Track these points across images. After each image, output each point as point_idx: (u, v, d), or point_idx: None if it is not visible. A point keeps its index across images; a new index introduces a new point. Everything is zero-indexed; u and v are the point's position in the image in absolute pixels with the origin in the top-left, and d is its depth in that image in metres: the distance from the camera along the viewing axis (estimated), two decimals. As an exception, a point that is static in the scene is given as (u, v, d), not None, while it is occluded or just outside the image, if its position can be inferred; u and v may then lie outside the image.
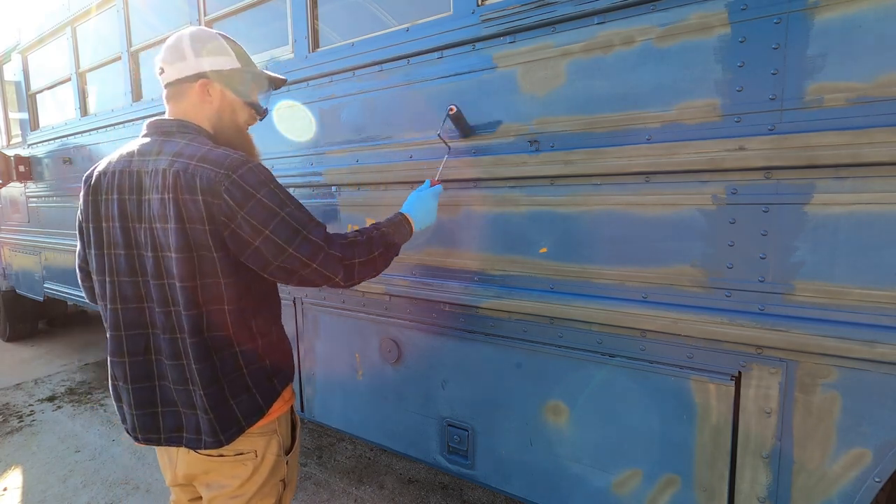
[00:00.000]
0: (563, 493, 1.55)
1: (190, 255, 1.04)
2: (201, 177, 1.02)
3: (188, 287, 1.05)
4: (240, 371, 1.14)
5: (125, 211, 1.10)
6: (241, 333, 1.13)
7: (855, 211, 1.06)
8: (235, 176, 1.03)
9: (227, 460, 1.17)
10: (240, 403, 1.13)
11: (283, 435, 1.26)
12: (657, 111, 1.25)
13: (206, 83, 1.17)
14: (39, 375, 4.33)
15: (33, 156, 4.14)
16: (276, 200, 1.07)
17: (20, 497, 2.59)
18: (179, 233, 1.03)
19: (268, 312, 1.22)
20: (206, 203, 1.02)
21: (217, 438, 1.11)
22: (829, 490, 1.15)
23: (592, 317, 1.41)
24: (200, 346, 1.08)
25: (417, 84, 1.69)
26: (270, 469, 1.22)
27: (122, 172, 1.11)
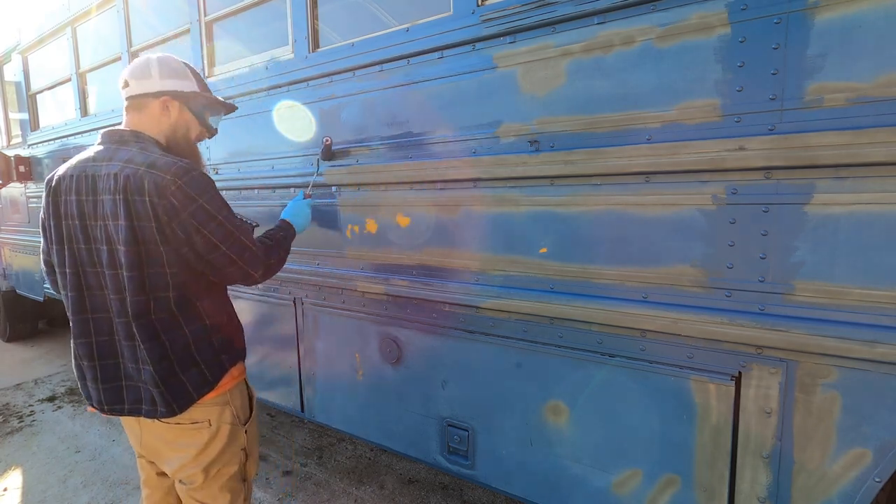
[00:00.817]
0: (564, 493, 1.55)
1: (137, 248, 1.18)
2: (149, 181, 1.17)
3: (135, 276, 1.19)
4: (188, 349, 1.28)
5: (83, 210, 1.24)
6: (187, 316, 1.27)
7: (855, 211, 1.06)
8: (181, 182, 1.18)
9: (184, 428, 1.31)
10: (189, 377, 1.27)
11: (236, 406, 1.38)
12: (657, 111, 1.25)
13: (166, 100, 1.34)
14: (39, 375, 4.33)
15: (33, 156, 4.14)
16: (215, 205, 1.24)
17: (20, 497, 2.58)
18: (128, 229, 1.17)
19: (213, 297, 1.36)
20: (152, 203, 1.16)
21: (170, 408, 1.25)
22: (829, 490, 1.15)
23: (592, 317, 1.41)
24: (148, 327, 1.22)
25: (418, 84, 1.69)
26: (228, 437, 1.36)
27: (79, 176, 1.25)
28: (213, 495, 1.38)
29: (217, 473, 1.37)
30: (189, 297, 1.28)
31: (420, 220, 1.74)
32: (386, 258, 1.85)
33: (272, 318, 2.34)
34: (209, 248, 1.23)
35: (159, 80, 1.32)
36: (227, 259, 1.27)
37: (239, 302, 2.46)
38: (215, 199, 1.25)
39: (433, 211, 1.70)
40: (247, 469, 1.46)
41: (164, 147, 1.35)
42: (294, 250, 2.15)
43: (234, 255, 1.27)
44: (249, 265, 1.31)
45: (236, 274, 1.31)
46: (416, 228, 1.75)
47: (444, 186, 1.66)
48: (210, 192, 1.24)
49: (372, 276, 1.89)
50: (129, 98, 1.33)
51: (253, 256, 1.31)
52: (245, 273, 1.32)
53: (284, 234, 1.54)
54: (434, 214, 1.70)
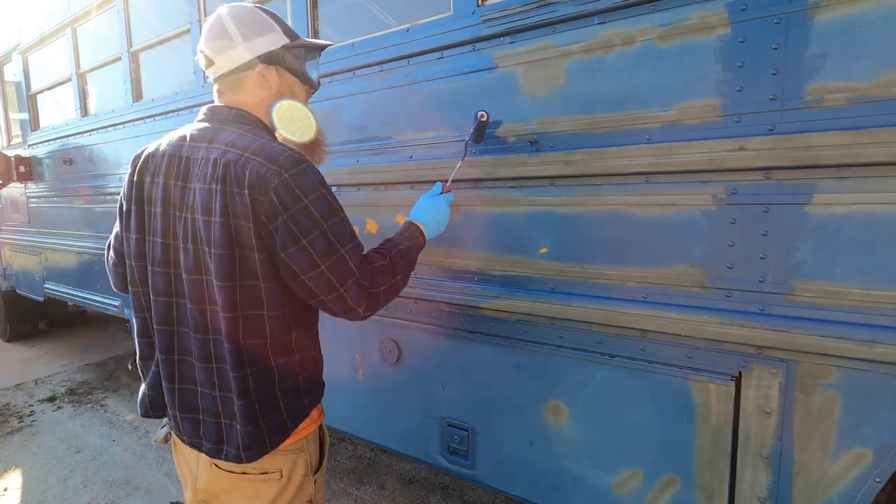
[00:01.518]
0: (564, 493, 1.55)
1: (231, 252, 0.96)
2: (251, 170, 0.95)
3: (227, 287, 0.97)
4: (272, 387, 1.05)
5: (168, 197, 1.03)
6: (278, 345, 1.04)
7: (855, 211, 1.06)
8: (287, 175, 0.95)
9: (249, 478, 1.09)
10: (268, 423, 1.04)
11: (310, 454, 1.16)
12: (657, 111, 1.25)
13: (262, 69, 1.09)
14: (39, 376, 4.33)
15: (34, 156, 4.14)
16: (324, 209, 0.98)
17: (20, 497, 2.59)
18: (223, 227, 0.95)
19: (308, 324, 1.13)
20: (251, 199, 0.94)
21: (239, 454, 1.03)
22: (829, 490, 1.15)
23: (592, 317, 1.41)
24: (236, 352, 1.00)
25: (418, 84, 1.69)
26: (296, 489, 1.13)
27: (171, 156, 1.04)
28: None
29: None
30: (284, 319, 1.04)
31: (420, 220, 1.73)
32: (386, 258, 1.85)
33: (272, 318, 2.33)
34: (306, 265, 0.97)
35: (245, 44, 1.06)
36: (325, 283, 0.98)
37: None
38: (325, 201, 0.99)
39: (433, 211, 1.70)
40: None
41: (271, 130, 1.14)
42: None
43: (335, 279, 0.98)
44: (352, 295, 1.01)
45: (334, 305, 1.02)
46: (416, 228, 1.75)
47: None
48: (319, 191, 0.99)
49: (372, 276, 1.89)
50: (219, 78, 1.10)
51: (356, 286, 1.01)
52: (345, 306, 1.02)
53: (405, 247, 1.19)
54: (434, 214, 1.69)
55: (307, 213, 0.96)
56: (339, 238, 1.00)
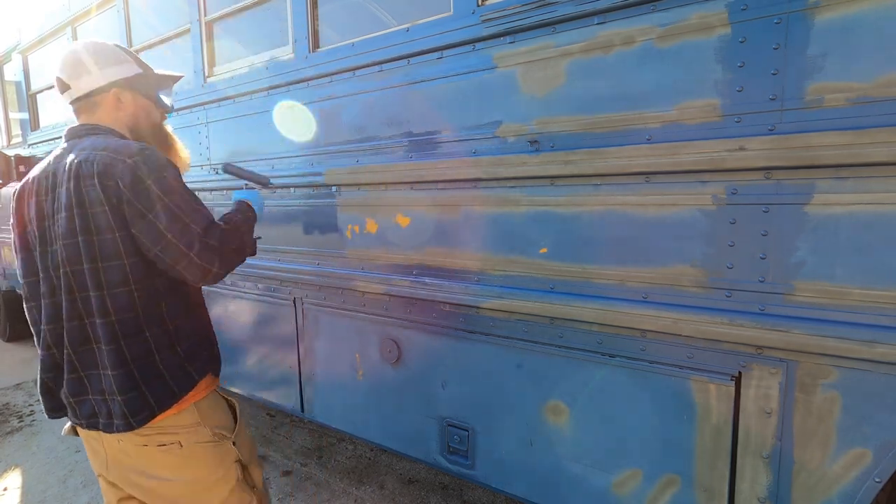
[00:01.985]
0: (564, 493, 1.55)
1: (91, 238, 1.08)
2: (98, 162, 1.07)
3: (92, 269, 1.08)
4: (151, 356, 1.15)
5: (41, 211, 1.15)
6: (150, 317, 1.14)
7: (855, 211, 1.06)
8: (130, 161, 1.08)
9: (149, 450, 1.18)
10: (151, 388, 1.14)
11: (211, 422, 1.24)
12: (657, 111, 1.25)
13: (117, 92, 1.23)
14: (39, 375, 4.33)
15: (34, 156, 4.14)
16: (164, 187, 1.10)
17: (20, 497, 2.58)
18: (81, 217, 1.07)
19: (181, 296, 1.22)
20: (102, 186, 1.06)
21: (127, 421, 1.11)
22: (829, 490, 1.15)
23: (592, 317, 1.41)
24: (108, 327, 1.10)
25: (418, 84, 1.69)
26: (208, 456, 1.23)
27: (40, 178, 1.17)
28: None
29: (210, 492, 1.25)
30: (151, 294, 1.14)
31: (420, 220, 1.74)
32: (386, 258, 1.85)
33: (272, 318, 2.34)
34: (154, 238, 1.09)
35: (100, 71, 1.20)
36: (176, 251, 1.10)
37: (238, 301, 2.46)
38: (166, 181, 1.10)
39: (433, 211, 1.70)
40: (251, 477, 1.35)
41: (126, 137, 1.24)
42: (294, 250, 2.15)
43: (183, 245, 1.10)
44: (203, 256, 1.12)
45: (191, 269, 1.13)
46: (416, 228, 1.75)
47: (444, 186, 1.66)
48: (160, 173, 1.10)
49: (372, 276, 1.89)
50: (74, 102, 1.23)
51: (205, 247, 1.12)
52: (200, 269, 1.13)
53: (244, 217, 1.36)
54: (434, 214, 1.70)
55: (149, 191, 1.08)
56: (181, 209, 1.11)
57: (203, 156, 2.49)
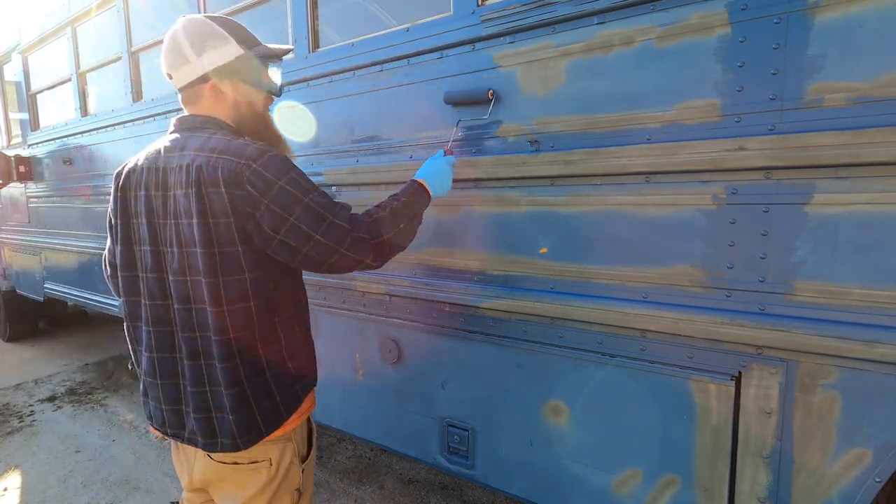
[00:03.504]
0: (564, 493, 1.55)
1: (212, 250, 1.03)
2: (223, 168, 1.01)
3: (211, 283, 1.03)
4: (263, 374, 1.11)
5: (151, 207, 1.10)
6: (264, 333, 1.10)
7: (855, 211, 1.06)
8: (256, 165, 1.02)
9: (241, 468, 1.15)
10: (262, 409, 1.10)
11: (298, 443, 1.22)
12: (657, 111, 1.25)
13: (215, 83, 1.15)
14: (39, 375, 4.33)
15: (34, 156, 4.14)
16: (299, 188, 1.05)
17: (20, 497, 2.59)
18: (202, 227, 1.02)
19: (293, 312, 1.19)
20: (229, 195, 1.01)
21: (235, 442, 1.08)
22: (829, 490, 1.15)
23: (592, 317, 1.41)
24: (224, 344, 1.05)
25: (418, 84, 1.69)
26: (284, 478, 1.19)
27: (149, 169, 1.10)
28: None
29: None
30: (268, 308, 1.10)
31: (420, 220, 1.74)
32: (386, 258, 1.85)
33: (272, 318, 2.33)
34: (302, 239, 1.04)
35: (197, 59, 1.12)
36: (326, 248, 1.06)
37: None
38: (298, 181, 1.06)
39: (433, 211, 1.70)
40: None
41: (235, 131, 1.18)
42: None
43: (332, 242, 1.06)
44: (354, 251, 1.08)
45: (345, 262, 1.10)
46: (416, 228, 1.75)
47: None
48: (290, 173, 1.06)
49: (372, 276, 1.89)
50: (179, 90, 1.18)
51: (355, 241, 1.08)
52: (353, 260, 1.10)
53: (408, 200, 1.23)
54: (434, 214, 1.70)
55: (285, 194, 1.03)
56: (322, 207, 1.07)
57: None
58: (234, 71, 1.16)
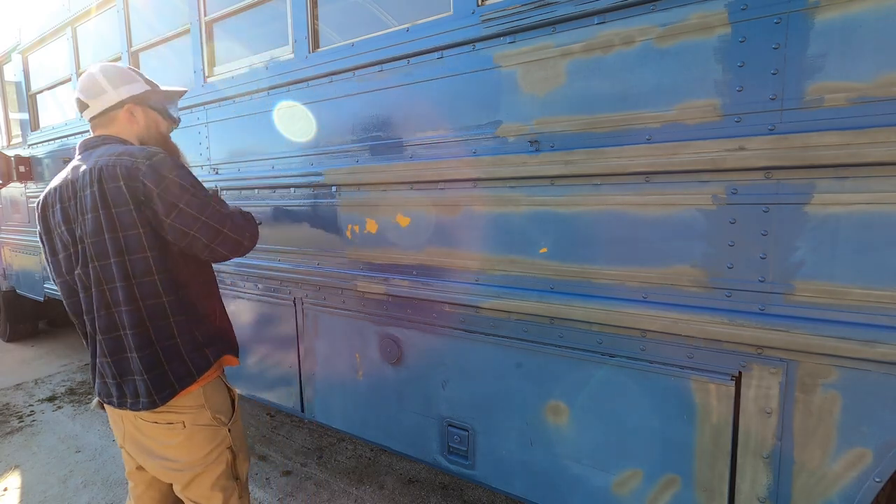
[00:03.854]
0: (564, 493, 1.55)
1: (116, 234, 1.22)
2: (121, 166, 1.22)
3: (119, 262, 1.23)
4: (173, 339, 1.30)
5: (67, 215, 1.29)
6: (172, 304, 1.29)
7: (855, 211, 1.06)
8: (150, 162, 1.23)
9: (159, 427, 1.34)
10: (173, 369, 1.29)
11: (213, 407, 1.39)
12: (657, 111, 1.25)
13: (130, 108, 1.39)
14: (39, 375, 4.33)
15: (34, 156, 4.14)
16: (186, 181, 1.28)
17: (20, 497, 2.59)
18: (107, 217, 1.21)
19: (199, 285, 1.39)
20: (127, 187, 1.21)
21: (152, 399, 1.27)
22: (829, 490, 1.15)
23: (592, 317, 1.41)
24: (134, 313, 1.24)
25: (418, 84, 1.69)
26: (204, 438, 1.37)
27: (62, 186, 1.30)
28: (204, 495, 1.41)
29: (203, 474, 1.39)
30: (173, 284, 1.30)
31: (420, 220, 1.74)
32: (386, 258, 1.85)
33: (272, 318, 2.34)
34: (190, 221, 1.26)
35: (114, 90, 1.37)
36: (211, 230, 1.30)
37: (239, 301, 2.46)
38: (186, 176, 1.29)
39: (433, 211, 1.70)
40: (237, 467, 1.47)
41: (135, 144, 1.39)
42: (294, 250, 2.15)
43: (216, 224, 1.30)
44: (235, 232, 1.35)
45: (224, 247, 1.34)
46: (416, 228, 1.75)
47: (444, 186, 1.66)
48: (179, 170, 1.28)
49: (372, 276, 1.89)
50: (93, 119, 1.39)
51: (235, 224, 1.35)
52: (233, 242, 1.35)
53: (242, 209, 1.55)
54: (434, 214, 1.70)
55: (174, 185, 1.25)
56: (205, 196, 1.31)
57: (203, 156, 2.49)
58: (145, 100, 1.43)
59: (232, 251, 1.37)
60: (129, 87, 1.39)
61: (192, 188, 1.28)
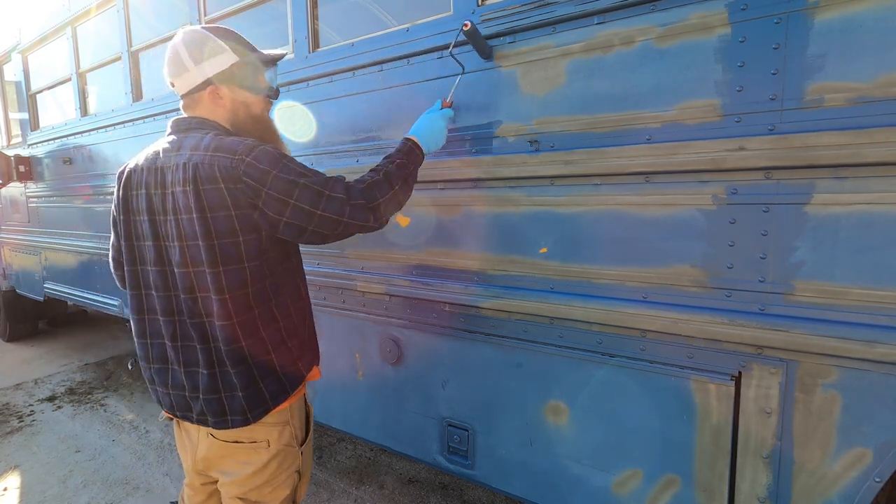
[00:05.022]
0: (564, 493, 1.55)
1: (212, 242, 1.10)
2: (219, 166, 1.09)
3: (213, 273, 1.11)
4: (268, 354, 1.19)
5: (152, 205, 1.17)
6: (264, 316, 1.19)
7: (855, 211, 1.06)
8: (249, 159, 1.10)
9: (242, 447, 1.23)
10: (267, 385, 1.20)
11: (295, 425, 1.31)
12: (657, 111, 1.25)
13: (213, 89, 1.22)
14: (39, 375, 4.33)
15: (33, 156, 4.14)
16: (293, 173, 1.13)
17: (20, 497, 2.59)
18: (202, 221, 1.09)
19: (289, 294, 1.27)
20: (228, 190, 1.09)
21: (245, 417, 1.17)
22: (829, 490, 1.15)
23: (592, 317, 1.41)
24: (228, 328, 1.13)
25: (417, 84, 1.69)
26: (283, 458, 1.27)
27: (148, 169, 1.18)
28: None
29: (269, 496, 1.28)
30: (267, 295, 1.19)
31: (420, 220, 1.74)
32: (386, 258, 1.85)
33: (272, 318, 2.33)
34: (305, 218, 1.13)
35: (196, 67, 1.20)
36: (329, 221, 1.15)
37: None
38: (291, 167, 1.14)
39: (433, 211, 1.70)
40: (298, 491, 1.38)
41: (230, 132, 1.25)
42: (294, 250, 2.15)
43: (333, 214, 1.15)
44: (355, 218, 1.18)
45: (349, 229, 1.20)
46: (416, 228, 1.75)
47: (444, 186, 1.66)
48: (282, 161, 1.13)
49: (372, 276, 1.89)
50: (181, 97, 1.26)
51: (355, 209, 1.18)
52: (356, 226, 1.20)
53: (402, 162, 1.31)
54: (434, 214, 1.70)
55: (281, 180, 1.11)
56: (318, 185, 1.15)
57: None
58: (231, 76, 1.24)
59: (360, 231, 1.24)
60: (213, 61, 1.20)
61: (300, 179, 1.12)
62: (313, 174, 1.17)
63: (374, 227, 1.25)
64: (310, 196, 1.13)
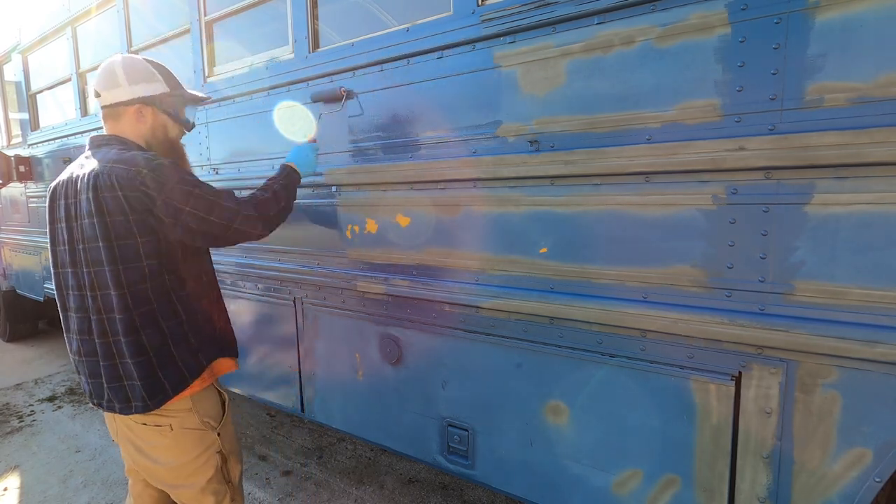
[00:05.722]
0: (564, 493, 1.55)
1: (111, 243, 1.22)
2: (117, 175, 1.21)
3: (113, 270, 1.23)
4: (166, 346, 1.30)
5: (69, 212, 1.30)
6: (164, 310, 1.30)
7: (855, 211, 1.06)
8: (147, 170, 1.23)
9: (147, 428, 1.35)
10: (167, 374, 1.30)
11: (203, 411, 1.39)
12: (657, 111, 1.25)
13: (139, 108, 1.38)
14: (39, 375, 4.33)
15: (34, 156, 4.14)
16: (188, 184, 1.28)
17: (20, 497, 2.59)
18: (101, 225, 1.22)
19: (193, 292, 1.38)
20: (125, 197, 1.21)
21: (145, 404, 1.28)
22: (829, 490, 1.15)
23: (592, 317, 1.41)
24: (127, 321, 1.25)
25: (417, 84, 1.69)
26: (191, 441, 1.37)
27: (67, 181, 1.32)
28: (195, 498, 1.42)
29: (191, 477, 1.39)
30: (167, 291, 1.30)
31: (420, 220, 1.74)
32: (386, 258, 1.85)
33: (272, 318, 2.34)
34: (199, 221, 1.28)
35: (128, 87, 1.36)
36: (221, 226, 1.32)
37: (239, 302, 2.46)
38: (187, 178, 1.29)
39: (433, 211, 1.70)
40: (228, 470, 1.47)
41: (144, 148, 1.38)
42: (294, 250, 2.15)
43: (224, 220, 1.32)
44: (244, 225, 1.37)
45: (238, 236, 1.37)
46: (416, 228, 1.75)
47: (444, 186, 1.66)
48: (179, 174, 1.27)
49: (372, 276, 1.89)
50: (103, 108, 1.39)
51: (245, 219, 1.36)
52: (245, 233, 1.38)
53: (285, 183, 1.56)
54: (434, 214, 1.70)
55: (177, 189, 1.25)
56: (211, 195, 1.31)
57: (203, 156, 2.49)
58: (158, 102, 1.41)
59: (246, 240, 1.41)
60: (145, 86, 1.38)
61: (194, 189, 1.28)
62: (207, 186, 1.32)
63: (260, 236, 1.44)
64: (203, 203, 1.28)
